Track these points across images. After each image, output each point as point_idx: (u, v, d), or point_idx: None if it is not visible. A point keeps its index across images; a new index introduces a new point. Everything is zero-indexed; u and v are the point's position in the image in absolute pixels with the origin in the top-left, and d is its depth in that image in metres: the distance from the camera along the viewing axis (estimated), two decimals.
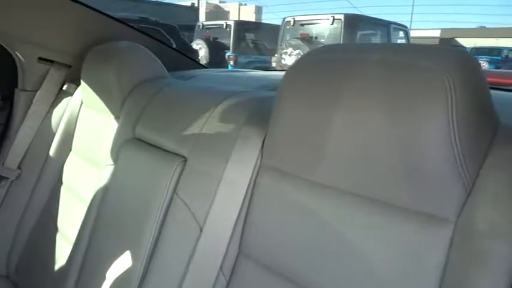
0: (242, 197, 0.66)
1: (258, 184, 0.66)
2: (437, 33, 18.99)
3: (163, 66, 1.12)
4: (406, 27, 7.96)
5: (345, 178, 0.56)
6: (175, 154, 0.77)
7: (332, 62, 0.57)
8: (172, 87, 0.95)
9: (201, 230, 0.67)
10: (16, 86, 1.31)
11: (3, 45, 1.22)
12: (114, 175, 0.89)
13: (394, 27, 7.39)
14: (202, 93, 0.86)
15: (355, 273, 0.54)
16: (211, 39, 7.88)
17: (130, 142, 0.89)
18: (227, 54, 7.58)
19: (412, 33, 9.22)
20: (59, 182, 1.20)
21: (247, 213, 0.66)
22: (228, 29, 7.97)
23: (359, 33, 6.77)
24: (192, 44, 7.58)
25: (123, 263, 0.76)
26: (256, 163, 0.67)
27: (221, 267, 0.66)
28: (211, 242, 0.67)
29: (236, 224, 0.66)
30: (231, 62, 7.33)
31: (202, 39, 7.85)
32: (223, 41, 7.95)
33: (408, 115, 0.47)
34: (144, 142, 0.86)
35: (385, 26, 7.19)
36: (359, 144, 0.52)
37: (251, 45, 8.50)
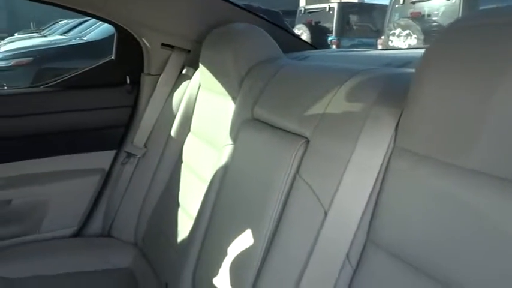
0: (372, 181, 0.61)
1: (390, 168, 0.60)
2: None
3: (279, 48, 1.10)
4: None
5: (506, 164, 0.47)
6: (297, 135, 0.75)
7: (494, 28, 0.48)
8: (290, 68, 0.93)
9: (325, 214, 0.64)
10: (142, 71, 1.43)
11: (132, 33, 1.32)
12: (233, 155, 0.91)
13: None
14: (325, 72, 0.82)
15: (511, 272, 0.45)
16: (313, 24, 7.74)
17: (249, 123, 0.89)
18: (329, 38, 7.38)
19: None
20: (179, 160, 1.27)
21: (377, 199, 0.61)
22: (331, 12, 7.74)
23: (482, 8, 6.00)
24: (293, 29, 7.54)
25: (243, 242, 0.76)
26: (389, 145, 0.61)
27: (347, 255, 0.63)
28: (337, 227, 0.63)
29: (365, 210, 0.62)
30: (334, 46, 7.13)
31: (304, 24, 7.76)
32: (326, 25, 7.75)
33: None
34: (263, 123, 0.85)
35: None
36: None
37: (355, 27, 8.14)
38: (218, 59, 1.09)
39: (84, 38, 5.61)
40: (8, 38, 8.70)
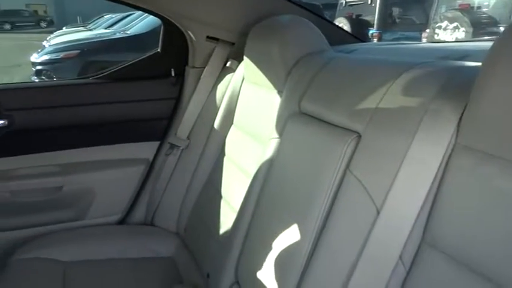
0: (431, 179, 0.58)
1: (451, 165, 0.57)
2: None
3: (326, 40, 1.08)
4: None
5: None
6: (347, 129, 0.72)
7: None
8: (339, 60, 0.90)
9: (378, 212, 0.61)
10: (187, 64, 1.44)
11: (178, 25, 1.34)
12: (278, 149, 0.90)
13: None
14: (378, 65, 0.79)
15: None
16: (354, 17, 7.55)
17: (296, 116, 0.88)
18: (370, 31, 7.18)
19: None
20: (221, 153, 1.28)
21: (435, 198, 0.58)
22: (373, 5, 7.51)
23: None
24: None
25: (289, 237, 0.75)
26: (450, 141, 0.58)
27: (400, 256, 0.60)
28: (390, 227, 0.61)
29: (422, 209, 0.59)
30: (375, 40, 6.92)
31: (344, 17, 7.58)
32: (367, 18, 7.54)
33: None
34: (311, 117, 0.84)
35: None
36: None
37: (397, 20, 7.86)
38: (264, 51, 1.08)
39: (128, 32, 5.78)
40: (57, 32, 9.11)
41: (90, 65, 4.79)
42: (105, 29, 7.30)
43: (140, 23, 5.83)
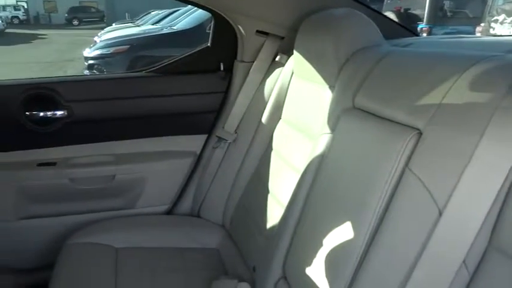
0: (500, 181, 0.55)
1: None
2: None
3: (381, 34, 1.04)
4: None
5: None
6: (407, 126, 0.70)
7: None
8: (397, 54, 0.87)
9: (440, 214, 0.59)
10: (236, 58, 1.45)
11: (229, 20, 1.35)
12: (330, 145, 0.88)
13: None
14: (440, 59, 0.75)
15: None
16: (402, 11, 7.29)
17: (350, 112, 0.86)
18: (419, 26, 6.90)
19: None
20: (269, 147, 1.28)
21: (505, 201, 0.55)
22: None
23: None
24: None
25: (341, 235, 0.74)
26: None
27: (464, 260, 0.57)
28: (453, 229, 0.58)
29: (489, 213, 0.56)
30: (424, 35, 6.65)
31: (392, 11, 7.33)
32: (416, 12, 7.26)
33: None
34: (367, 112, 0.81)
35: None
36: None
37: (449, 14, 7.50)
38: (315, 45, 1.06)
39: (174, 28, 5.91)
40: (107, 28, 9.49)
41: (139, 60, 4.95)
42: (152, 24, 7.51)
43: (186, 18, 5.95)
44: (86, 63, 5.66)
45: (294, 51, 1.18)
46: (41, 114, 1.35)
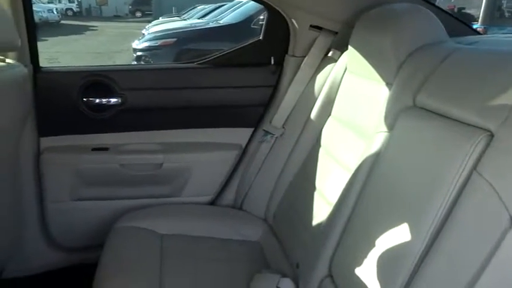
0: None
1: None
2: None
3: (445, 30, 0.99)
4: None
5: None
6: (476, 127, 0.66)
7: None
8: (463, 52, 0.82)
9: None
10: (287, 52, 1.44)
11: (283, 13, 1.34)
12: (387, 144, 0.85)
13: None
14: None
15: None
16: (456, 10, 6.96)
17: (410, 110, 0.83)
18: (474, 26, 6.56)
19: None
20: (317, 143, 1.26)
21: None
22: None
23: None
24: None
25: (398, 236, 0.71)
26: None
27: None
28: None
29: None
30: None
31: None
32: (471, 12, 6.91)
33: None
34: (429, 111, 0.78)
35: None
36: None
37: (507, 14, 7.07)
38: (373, 41, 1.03)
39: (220, 22, 5.98)
40: (154, 22, 9.75)
41: (185, 53, 5.05)
42: (199, 19, 7.63)
43: (231, 13, 6.00)
44: (134, 55, 5.85)
45: (349, 47, 1.15)
46: (97, 100, 1.40)
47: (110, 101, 1.41)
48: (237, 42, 1.53)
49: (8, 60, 1.18)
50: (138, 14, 22.59)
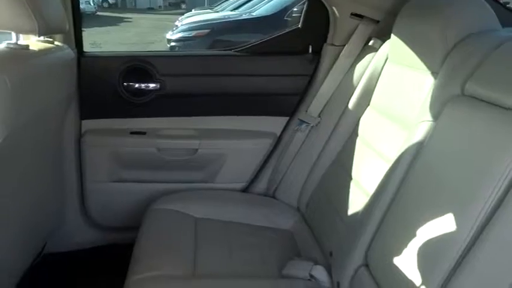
0: None
1: None
2: None
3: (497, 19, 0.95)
4: None
5: None
6: None
7: None
8: None
9: None
10: (325, 41, 1.42)
11: (324, 1, 1.32)
12: (432, 133, 0.83)
13: None
14: None
15: None
16: (500, 2, 6.65)
17: (459, 99, 0.80)
18: None
19: None
20: (354, 133, 1.24)
21: None
22: None
23: None
24: None
25: (441, 227, 0.69)
26: None
27: None
28: None
29: None
30: None
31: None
32: None
33: None
34: (480, 100, 0.75)
35: None
36: None
37: None
38: (419, 29, 1.00)
39: (253, 14, 5.97)
40: (187, 13, 9.85)
41: (218, 44, 5.08)
42: (231, 11, 7.64)
43: (264, 6, 5.97)
44: (168, 45, 5.93)
45: (392, 36, 1.12)
46: (136, 85, 1.43)
47: (148, 86, 1.44)
48: (269, 35, 1.53)
49: (56, 43, 1.22)
50: (183, 6, 22.69)
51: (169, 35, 6.03)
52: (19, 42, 0.96)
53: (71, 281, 1.41)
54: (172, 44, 5.75)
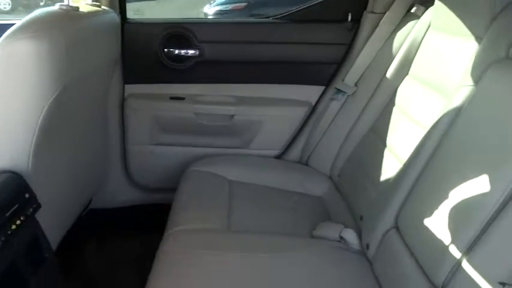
0: None
1: None
2: None
3: None
4: None
5: None
6: None
7: None
8: None
9: None
10: (365, 9, 1.40)
11: None
12: (472, 97, 0.82)
13: None
14: None
15: None
16: None
17: (503, 62, 0.78)
18: None
19: None
20: (390, 102, 1.23)
21: None
22: None
23: None
24: None
25: (473, 190, 0.70)
26: None
27: None
28: None
29: None
30: None
31: None
32: None
33: None
34: None
35: None
36: None
37: None
38: None
39: None
40: None
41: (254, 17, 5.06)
42: None
43: None
44: None
45: (436, 2, 1.09)
46: (176, 52, 1.47)
47: (188, 53, 1.47)
48: (309, 2, 1.51)
49: (102, 7, 1.27)
50: None
51: (207, 9, 6.04)
52: (70, 5, 1.01)
53: (112, 235, 1.52)
54: (209, 17, 5.77)
